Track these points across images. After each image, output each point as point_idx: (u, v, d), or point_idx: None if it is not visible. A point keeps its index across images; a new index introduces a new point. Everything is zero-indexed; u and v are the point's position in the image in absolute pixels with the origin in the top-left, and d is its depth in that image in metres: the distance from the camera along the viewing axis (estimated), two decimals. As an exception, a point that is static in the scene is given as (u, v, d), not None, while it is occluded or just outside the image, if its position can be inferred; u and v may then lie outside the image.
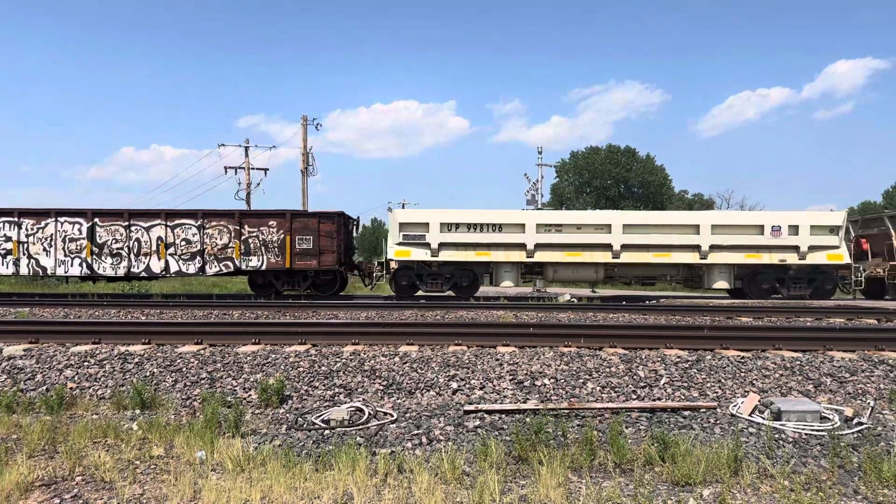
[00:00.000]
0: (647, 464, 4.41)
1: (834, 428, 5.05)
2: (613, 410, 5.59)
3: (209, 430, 4.89)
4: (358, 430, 5.16)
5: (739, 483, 4.08)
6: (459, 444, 4.80)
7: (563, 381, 6.36)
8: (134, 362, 6.89)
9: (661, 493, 3.91)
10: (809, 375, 6.57)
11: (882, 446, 4.72)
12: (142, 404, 5.84)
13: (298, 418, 5.48)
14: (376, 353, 7.11)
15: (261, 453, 4.47)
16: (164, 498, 3.81)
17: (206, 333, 7.87)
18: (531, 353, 7.13)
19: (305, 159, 34.00)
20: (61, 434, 5.00)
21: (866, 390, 6.26)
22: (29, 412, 5.69)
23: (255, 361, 6.89)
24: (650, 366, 6.74)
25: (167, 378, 6.54)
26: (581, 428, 5.06)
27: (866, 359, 7.04)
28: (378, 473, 4.18)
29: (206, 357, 7.01)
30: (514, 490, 3.95)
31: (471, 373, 6.57)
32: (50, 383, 6.41)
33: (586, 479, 4.14)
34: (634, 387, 6.29)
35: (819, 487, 3.95)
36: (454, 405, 5.78)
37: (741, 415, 5.45)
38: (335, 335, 7.86)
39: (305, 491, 3.89)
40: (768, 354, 7.19)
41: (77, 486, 4.04)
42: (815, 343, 7.58)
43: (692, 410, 5.62)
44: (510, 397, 6.06)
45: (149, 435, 5.00)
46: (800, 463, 4.44)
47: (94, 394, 6.27)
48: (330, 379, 6.47)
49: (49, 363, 6.85)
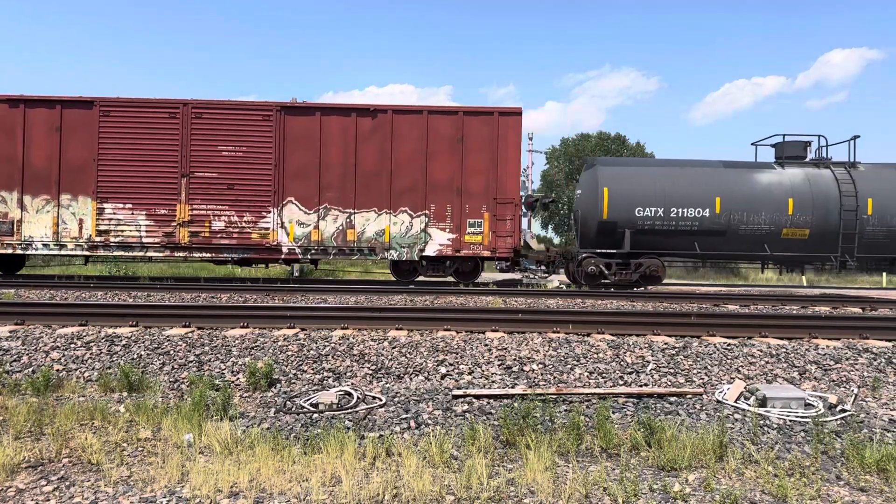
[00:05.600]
0: (633, 449, 4.45)
1: (818, 415, 5.11)
2: (601, 396, 5.63)
3: (197, 413, 4.88)
4: (347, 413, 5.16)
5: (724, 468, 4.13)
6: (448, 428, 4.82)
7: (551, 367, 6.39)
8: (121, 344, 6.85)
9: (646, 478, 3.95)
10: (795, 363, 6.64)
11: (865, 433, 4.79)
12: (129, 387, 5.82)
13: (287, 402, 5.47)
14: (365, 338, 7.11)
15: (249, 436, 4.46)
16: (152, 480, 3.80)
17: (195, 316, 7.83)
18: (520, 338, 7.16)
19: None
20: (48, 416, 4.97)
21: (850, 378, 6.34)
22: (15, 394, 5.64)
23: (244, 345, 6.87)
24: (637, 352, 6.79)
25: (155, 361, 6.51)
26: (568, 413, 5.09)
27: (851, 347, 7.13)
28: (366, 457, 4.19)
29: (194, 340, 6.98)
30: (502, 474, 3.97)
31: (460, 358, 6.58)
32: (36, 365, 6.37)
33: (573, 463, 4.17)
34: (622, 373, 6.34)
35: (802, 473, 4.00)
36: (443, 390, 5.80)
37: (727, 401, 5.50)
38: (324, 319, 7.85)
39: (294, 474, 3.89)
40: (754, 342, 7.26)
41: (64, 467, 4.02)
42: (800, 331, 7.66)
43: (678, 396, 5.67)
44: (499, 382, 6.08)
45: (136, 417, 4.99)
46: (784, 449, 4.49)
47: (80, 376, 6.23)
48: (319, 363, 6.47)
49: (35, 345, 6.80)
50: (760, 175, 16.42)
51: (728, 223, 16.04)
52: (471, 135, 15.58)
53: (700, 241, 16.19)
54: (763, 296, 13.21)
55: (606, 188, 16.20)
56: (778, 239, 16.16)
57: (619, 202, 16.13)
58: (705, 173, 16.43)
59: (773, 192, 16.12)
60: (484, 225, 15.65)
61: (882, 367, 6.61)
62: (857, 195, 16.00)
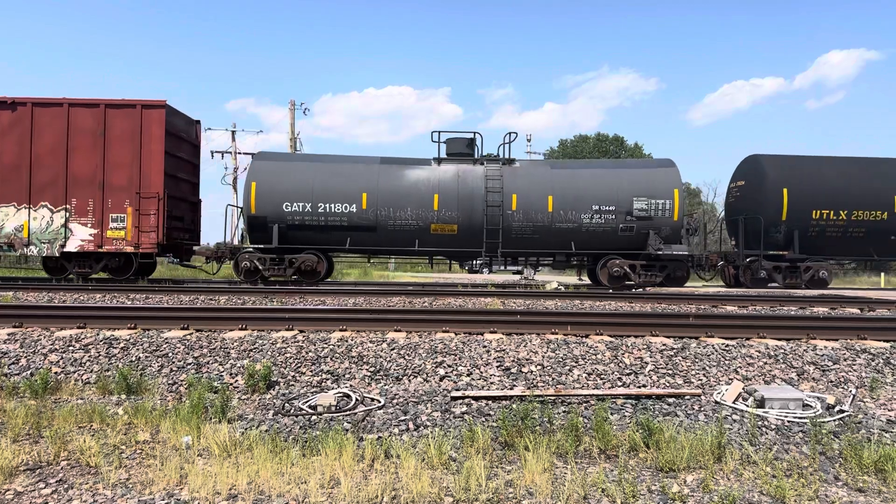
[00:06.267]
0: (631, 450, 4.46)
1: (816, 415, 5.12)
2: (599, 397, 5.63)
3: (195, 416, 4.87)
4: (345, 415, 5.16)
5: (723, 469, 4.13)
6: (446, 429, 4.82)
7: (549, 368, 6.39)
8: (119, 347, 6.84)
9: (645, 479, 3.96)
10: (793, 363, 6.65)
11: (863, 433, 4.80)
12: (127, 389, 5.81)
13: (285, 404, 5.47)
14: (364, 340, 7.11)
15: (247, 438, 4.46)
16: (150, 483, 3.80)
17: (193, 318, 7.82)
18: (518, 339, 7.16)
19: (294, 144, 33.79)
20: (46, 418, 4.97)
21: (848, 378, 6.35)
22: (13, 397, 5.64)
23: (242, 347, 6.86)
24: (636, 353, 6.79)
25: (153, 363, 6.51)
26: (567, 414, 5.10)
27: (849, 347, 7.14)
28: (365, 459, 4.20)
29: (193, 342, 6.97)
30: (500, 475, 3.97)
31: (458, 359, 6.58)
32: (34, 367, 6.36)
33: (571, 464, 4.17)
34: (620, 374, 6.34)
35: (801, 474, 4.00)
36: (441, 391, 5.80)
37: (725, 402, 5.51)
38: (323, 321, 7.85)
39: (292, 476, 3.89)
40: (752, 342, 7.26)
41: (62, 470, 4.02)
42: (798, 331, 7.66)
43: (677, 397, 5.67)
44: (497, 384, 6.08)
45: (134, 420, 4.98)
46: (782, 450, 4.50)
47: (79, 378, 6.22)
48: (317, 365, 6.47)
49: (33, 347, 6.79)
50: (411, 171, 16.54)
51: (377, 218, 16.14)
52: (113, 128, 15.48)
53: (352, 236, 16.29)
54: (761, 296, 13.22)
55: (255, 183, 16.23)
56: (428, 234, 16.30)
57: (267, 197, 16.14)
58: (355, 169, 16.55)
59: (420, 189, 16.28)
60: (127, 220, 15.57)
61: (880, 367, 6.62)
62: (503, 191, 16.08)
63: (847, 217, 15.78)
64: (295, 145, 33.61)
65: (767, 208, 16.15)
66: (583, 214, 16.12)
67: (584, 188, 16.26)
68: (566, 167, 17.11)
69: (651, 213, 16.04)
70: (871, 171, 16.19)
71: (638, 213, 16.01)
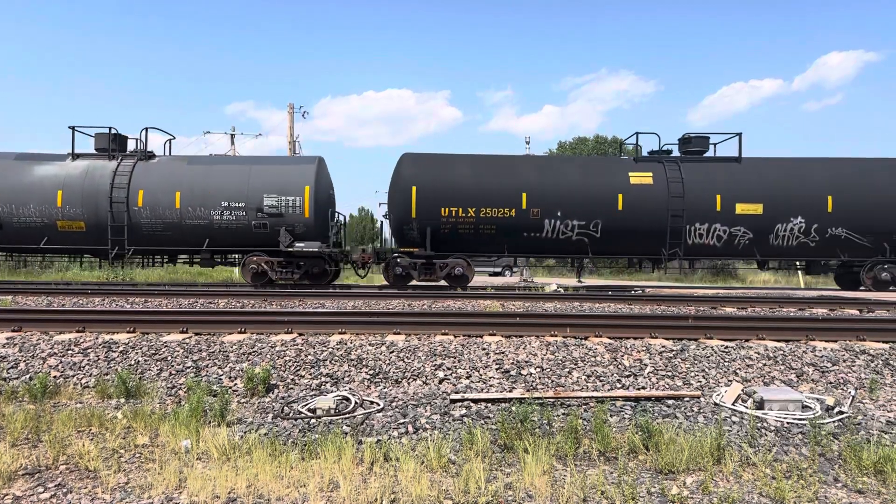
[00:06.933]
0: (631, 452, 4.46)
1: (815, 417, 5.11)
2: (598, 399, 5.63)
3: (194, 419, 4.87)
4: (344, 418, 5.16)
5: (722, 471, 4.13)
6: (445, 432, 4.82)
7: (548, 371, 6.39)
8: (118, 350, 6.84)
9: (644, 481, 3.95)
10: (792, 365, 6.65)
11: (862, 435, 4.80)
12: (126, 393, 5.81)
13: (284, 407, 5.47)
14: (363, 343, 7.11)
15: (246, 442, 4.46)
16: (149, 486, 3.80)
17: (192, 322, 7.82)
18: (517, 342, 7.16)
19: (292, 148, 33.80)
20: (45, 422, 4.96)
21: (847, 379, 6.35)
22: (12, 401, 5.64)
23: (241, 350, 6.86)
24: (635, 355, 6.79)
25: (152, 367, 6.51)
26: (566, 416, 5.09)
27: (848, 348, 7.14)
28: (364, 462, 4.19)
29: (192, 346, 6.97)
30: (500, 478, 3.97)
31: (457, 362, 6.58)
32: (33, 371, 6.36)
33: (571, 466, 4.17)
34: (619, 376, 6.34)
35: (800, 475, 4.00)
36: (440, 394, 5.80)
37: (724, 403, 5.51)
38: (322, 324, 7.84)
39: (291, 479, 3.89)
40: (752, 344, 7.26)
41: (61, 474, 4.02)
42: (797, 333, 7.66)
43: (676, 399, 5.67)
44: (496, 386, 6.08)
45: (133, 423, 4.98)
46: (781, 451, 4.50)
47: (78, 382, 6.22)
48: (316, 368, 6.46)
49: (32, 351, 6.79)
50: (40, 168, 16.60)
51: (1, 215, 16.22)
52: None
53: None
54: (760, 298, 13.22)
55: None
56: (56, 231, 16.36)
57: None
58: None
59: (45, 185, 16.33)
60: None
61: (879, 368, 6.62)
62: (129, 187, 16.13)
63: (476, 214, 16.03)
64: (294, 149, 33.61)
65: (400, 206, 16.44)
66: (212, 211, 16.27)
67: (216, 185, 16.38)
68: (202, 163, 17.14)
69: (282, 209, 16.22)
70: (501, 170, 16.36)
71: (269, 209, 16.20)
